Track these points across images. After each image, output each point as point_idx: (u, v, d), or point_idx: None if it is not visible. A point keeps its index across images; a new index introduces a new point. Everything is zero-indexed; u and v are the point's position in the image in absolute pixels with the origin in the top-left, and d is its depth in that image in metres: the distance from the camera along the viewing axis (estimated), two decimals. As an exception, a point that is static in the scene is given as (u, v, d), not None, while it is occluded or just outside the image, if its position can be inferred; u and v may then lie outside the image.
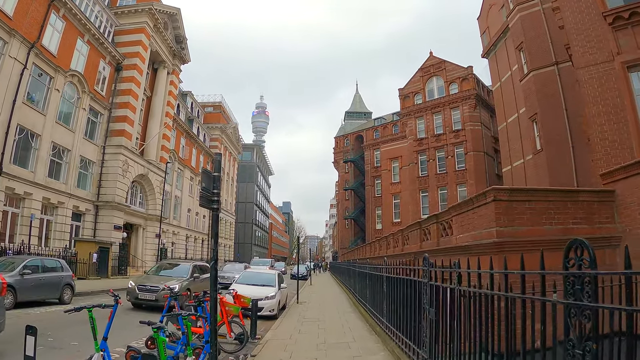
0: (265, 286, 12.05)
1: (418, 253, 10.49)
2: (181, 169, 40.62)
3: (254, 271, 14.35)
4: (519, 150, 30.51)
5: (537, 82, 19.36)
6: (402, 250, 13.22)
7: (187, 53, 36.95)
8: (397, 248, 14.55)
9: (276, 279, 12.59)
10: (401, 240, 13.58)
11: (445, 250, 8.11)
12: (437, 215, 9.40)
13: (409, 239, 12.23)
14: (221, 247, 54.25)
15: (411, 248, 11.49)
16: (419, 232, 10.62)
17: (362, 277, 11.48)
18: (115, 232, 26.36)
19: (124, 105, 28.27)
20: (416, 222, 11.32)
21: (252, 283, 12.22)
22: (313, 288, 22.84)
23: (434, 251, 8.99)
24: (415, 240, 10.90)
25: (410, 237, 11.76)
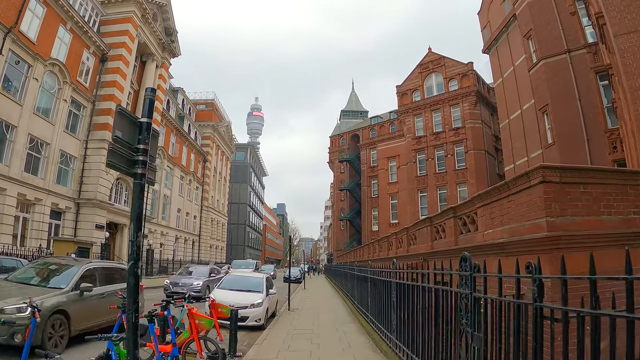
0: (251, 292, 10.60)
1: (429, 254, 9.15)
2: (171, 167, 39.03)
3: (239, 275, 12.72)
4: (522, 148, 29.42)
5: (548, 71, 18.18)
6: (407, 251, 11.82)
7: (177, 46, 35.47)
8: (400, 249, 13.15)
9: (264, 284, 11.12)
10: (406, 240, 12.19)
11: (470, 250, 6.73)
12: (454, 208, 8.01)
13: (416, 238, 10.84)
14: (213, 249, 52.69)
15: (420, 248, 10.11)
16: (429, 230, 9.25)
17: (362, 282, 10.11)
18: (97, 231, 24.76)
19: (108, 98, 26.72)
20: (426, 217, 9.98)
21: (236, 288, 10.78)
22: (307, 292, 21.36)
23: (450, 252, 7.65)
24: (425, 240, 9.54)
25: (419, 235, 10.39)
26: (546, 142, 18.63)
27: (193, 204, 45.97)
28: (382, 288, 7.30)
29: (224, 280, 11.68)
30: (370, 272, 8.70)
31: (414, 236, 11.20)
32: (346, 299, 15.56)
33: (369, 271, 8.78)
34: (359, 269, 11.17)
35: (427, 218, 9.83)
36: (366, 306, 9.32)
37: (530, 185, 4.91)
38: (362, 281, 10.10)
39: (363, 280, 9.93)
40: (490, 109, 37.37)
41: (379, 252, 18.51)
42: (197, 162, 46.85)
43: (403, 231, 12.87)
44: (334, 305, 14.93)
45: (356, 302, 11.76)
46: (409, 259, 10.76)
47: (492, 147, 35.97)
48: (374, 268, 8.38)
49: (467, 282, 3.46)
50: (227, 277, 12.03)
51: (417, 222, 10.99)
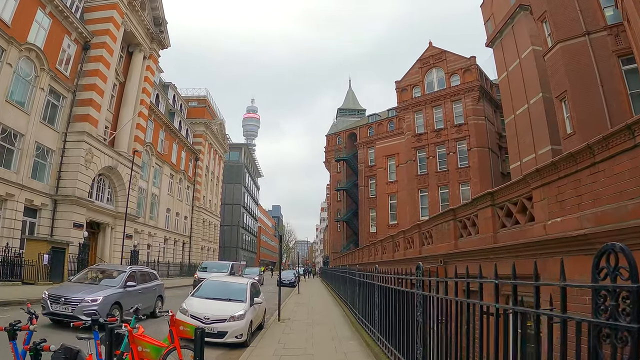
0: (231, 301, 8.84)
1: (450, 256, 7.49)
2: (159, 164, 37.21)
3: (219, 280, 10.59)
4: (529, 145, 27.99)
5: (566, 55, 16.68)
6: (419, 252, 10.09)
7: (167, 37, 33.78)
8: (410, 250, 11.41)
9: (247, 292, 9.30)
10: (418, 239, 10.46)
11: (519, 249, 5.02)
12: (492, 193, 6.29)
13: (431, 236, 9.12)
14: (205, 251, 50.81)
15: (438, 249, 8.35)
16: (452, 226, 7.56)
17: (366, 290, 8.45)
18: (75, 230, 22.93)
19: (89, 88, 24.97)
20: (448, 210, 8.27)
21: (213, 296, 8.99)
22: (301, 298, 19.47)
23: (486, 251, 6.01)
24: (446, 237, 7.83)
25: (436, 233, 8.67)
26: (565, 132, 17.11)
27: (183, 203, 44.13)
28: (397, 300, 5.64)
29: (201, 286, 9.75)
30: (377, 278, 6.95)
31: (428, 234, 9.51)
32: (345, 307, 13.78)
33: (376, 277, 7.05)
34: (360, 273, 9.48)
35: (449, 210, 8.10)
36: (371, 319, 7.61)
37: (637, 143, 3.31)
38: (366, 289, 8.35)
39: (367, 288, 8.18)
40: (493, 105, 36.01)
41: (382, 255, 16.74)
42: (188, 161, 45.04)
43: (414, 229, 11.09)
44: (332, 314, 13.17)
45: (357, 313, 10.01)
46: (421, 261, 9.14)
47: (496, 145, 34.53)
48: (382, 274, 6.66)
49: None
50: (205, 282, 10.05)
51: (435, 217, 9.15)
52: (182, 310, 8.39)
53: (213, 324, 7.88)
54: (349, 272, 12.67)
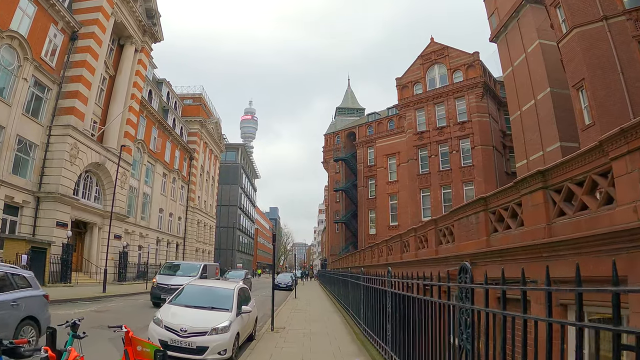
0: (215, 310, 7.49)
1: (480, 255, 6.23)
2: (152, 163, 35.90)
3: (202, 285, 9.04)
4: (537, 142, 26.91)
5: (583, 41, 15.59)
6: (435, 252, 8.77)
7: (160, 30, 32.58)
8: (424, 250, 10.03)
9: (234, 299, 7.92)
10: (434, 237, 9.18)
11: (589, 243, 3.78)
12: (542, 172, 5.05)
13: (451, 233, 7.89)
14: (200, 253, 49.41)
15: (463, 247, 7.08)
16: (482, 218, 6.23)
17: (375, 298, 7.10)
18: (58, 229, 21.60)
19: (76, 79, 23.72)
20: (478, 198, 6.89)
21: (194, 304, 7.60)
22: (297, 303, 18.03)
23: (532, 248, 4.78)
24: (473, 233, 6.48)
25: (460, 228, 7.38)
26: (583, 124, 15.97)
27: (177, 204, 42.78)
28: (424, 312, 4.40)
29: (181, 292, 8.36)
30: (391, 284, 5.62)
31: (447, 231, 8.19)
32: (345, 314, 12.39)
33: (389, 283, 5.74)
34: (367, 277, 8.14)
35: (478, 199, 6.80)
36: (380, 332, 6.29)
37: None
38: (374, 296, 6.97)
39: (375, 296, 6.92)
40: (496, 103, 34.94)
41: (387, 256, 15.38)
42: (182, 160, 43.73)
43: (429, 225, 9.71)
44: (332, 323, 11.77)
45: (362, 323, 8.68)
46: (438, 264, 7.84)
47: (500, 143, 33.43)
48: (401, 278, 5.33)
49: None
50: (187, 287, 8.58)
51: (458, 209, 7.79)
52: (155, 320, 7.07)
53: (191, 337, 6.59)
54: (351, 275, 11.27)
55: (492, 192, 6.35)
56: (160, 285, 15.40)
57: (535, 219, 5.00)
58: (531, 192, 5.14)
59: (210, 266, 19.93)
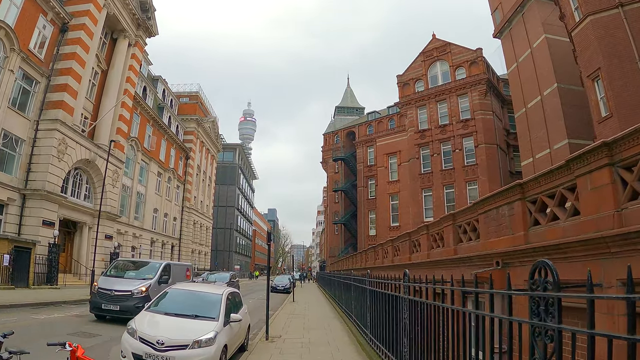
0: (198, 319, 6.42)
1: (516, 254, 5.23)
2: (146, 161, 34.88)
3: (187, 289, 7.73)
4: (543, 139, 26.03)
5: (598, 29, 14.72)
6: (454, 251, 7.84)
7: (154, 24, 31.64)
8: (438, 250, 8.95)
9: (221, 305, 6.83)
10: (451, 234, 8.14)
11: None
12: (608, 144, 4.13)
13: (474, 229, 6.97)
14: (195, 254, 48.35)
15: (492, 245, 6.07)
16: (518, 209, 5.35)
17: (384, 305, 6.11)
18: (45, 228, 20.57)
19: (65, 72, 22.75)
20: (510, 186, 5.83)
21: (174, 312, 6.55)
22: (295, 307, 16.93)
23: (595, 243, 3.81)
24: (505, 228, 5.63)
25: (487, 223, 6.38)
26: (599, 116, 15.07)
27: (173, 204, 41.74)
28: (460, 328, 3.45)
29: (163, 296, 7.22)
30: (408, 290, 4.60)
31: (469, 226, 7.18)
32: (348, 320, 11.33)
33: (405, 288, 4.72)
34: (374, 281, 7.06)
35: (512, 186, 5.75)
36: (393, 347, 5.22)
37: None
38: (383, 303, 6.06)
39: (386, 302, 5.93)
40: (500, 101, 34.11)
41: (392, 257, 14.28)
42: (178, 159, 42.71)
43: (445, 220, 8.65)
44: (333, 330, 10.67)
45: (369, 333, 7.60)
46: (457, 265, 6.85)
47: (504, 142, 32.57)
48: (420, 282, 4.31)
49: None
50: (170, 291, 7.54)
51: (485, 200, 6.68)
52: (129, 329, 6.04)
53: (169, 351, 5.60)
54: (354, 278, 10.15)
55: (532, 176, 5.33)
56: (101, 290, 11.38)
57: (597, 205, 4.05)
58: (591, 172, 4.18)
59: (177, 267, 14.98)
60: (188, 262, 13.26)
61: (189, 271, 16.23)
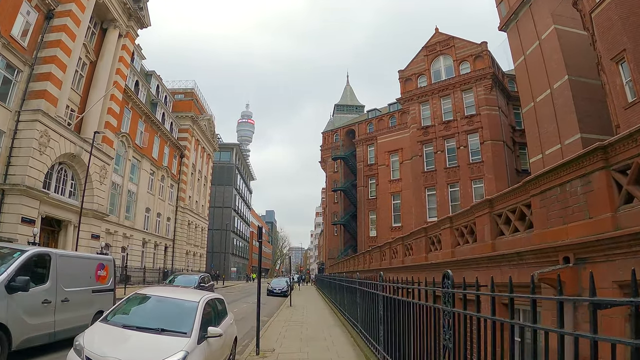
0: (165, 334, 4.94)
1: (592, 245, 3.83)
2: (137, 158, 33.49)
3: (157, 295, 6.17)
4: (553, 134, 24.83)
5: (621, 8, 13.53)
6: (492, 247, 6.44)
7: (147, 15, 30.34)
8: (466, 247, 7.70)
9: (196, 317, 5.35)
10: (488, 225, 6.66)
11: None
12: None
13: (521, 217, 5.67)
14: (190, 256, 46.88)
15: (556, 234, 4.67)
16: (602, 183, 4.06)
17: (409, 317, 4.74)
18: (24, 226, 19.15)
19: (49, 60, 21.40)
20: (587, 151, 4.37)
21: (136, 324, 5.09)
22: (293, 313, 15.42)
23: None
24: (581, 211, 4.35)
25: (547, 207, 4.95)
26: (625, 101, 13.84)
27: (166, 203, 40.30)
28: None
29: (123, 304, 5.81)
30: (462, 297, 3.22)
31: (513, 214, 5.90)
32: (352, 329, 9.95)
33: (451, 296, 3.31)
34: (389, 285, 5.68)
35: (593, 150, 4.33)
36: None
37: None
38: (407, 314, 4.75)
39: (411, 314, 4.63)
40: (505, 96, 32.94)
41: (403, 257, 12.68)
42: (172, 157, 41.31)
43: (479, 208, 7.14)
44: (335, 343, 9.17)
45: (380, 349, 6.26)
46: (497, 264, 5.44)
47: (510, 139, 31.36)
48: (470, 288, 2.98)
49: None
50: (132, 297, 6.05)
51: (540, 175, 5.17)
52: (76, 347, 4.70)
53: None
54: (361, 282, 8.74)
55: (622, 134, 3.95)
56: None
57: None
58: None
59: (67, 260, 8.60)
60: (107, 256, 7.62)
61: (104, 269, 9.83)
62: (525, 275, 4.58)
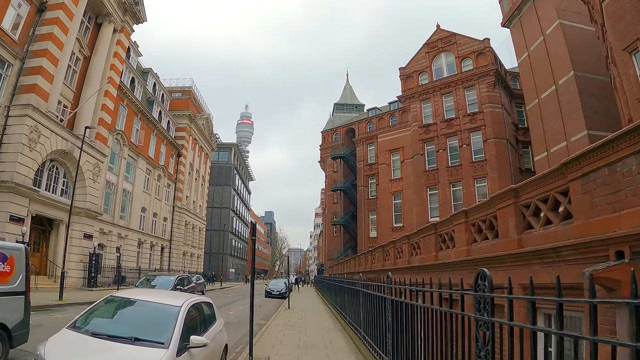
0: (138, 344, 4.10)
1: None
2: (133, 157, 32.79)
3: (129, 298, 5.26)
4: (559, 132, 24.24)
5: (637, -6, 12.87)
6: (518, 244, 5.70)
7: (143, 10, 29.70)
8: (487, 243, 6.90)
9: (176, 324, 4.51)
10: (515, 218, 5.87)
11: None
12: None
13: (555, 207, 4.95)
14: (187, 257, 46.16)
15: (607, 225, 3.95)
16: None
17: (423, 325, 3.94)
18: (12, 224, 18.45)
19: (41, 54, 20.76)
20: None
21: (107, 332, 4.28)
22: (291, 317, 14.65)
23: None
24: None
25: (594, 191, 4.19)
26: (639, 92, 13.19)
27: (163, 203, 39.59)
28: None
29: (97, 308, 4.99)
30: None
31: (549, 203, 5.13)
32: (354, 335, 9.25)
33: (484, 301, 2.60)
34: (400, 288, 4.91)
35: None
36: None
37: None
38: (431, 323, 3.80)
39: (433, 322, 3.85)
40: (508, 94, 32.34)
41: (408, 257, 11.74)
42: (168, 156, 40.61)
43: (503, 199, 6.27)
44: (337, 349, 8.32)
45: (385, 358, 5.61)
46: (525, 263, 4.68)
47: (513, 137, 30.74)
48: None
49: None
50: (109, 300, 5.22)
51: (588, 152, 4.42)
52: (36, 359, 4.00)
53: None
54: (364, 284, 7.94)
55: None
56: None
57: None
58: None
59: None
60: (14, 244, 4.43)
61: (7, 263, 6.69)
62: (564, 274, 3.93)
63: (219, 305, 20.68)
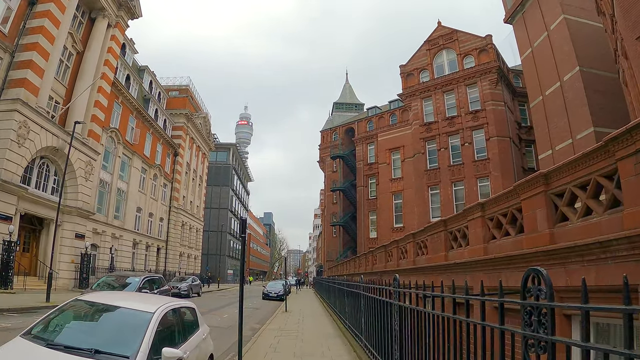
0: (99, 357, 3.35)
1: None
2: (128, 155, 32.10)
3: (95, 302, 4.44)
4: (564, 129, 23.63)
5: (652, -18, 12.25)
6: (549, 239, 5.00)
7: (138, 5, 29.07)
8: (509, 239, 6.22)
9: (146, 334, 3.73)
10: (545, 210, 5.18)
11: None
12: None
13: (594, 195, 4.34)
14: (184, 258, 45.42)
15: None
16: None
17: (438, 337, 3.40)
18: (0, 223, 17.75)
19: (31, 47, 20.09)
20: None
21: (65, 342, 3.51)
22: (287, 320, 13.99)
23: None
24: None
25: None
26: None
27: (159, 203, 38.88)
28: None
29: (54, 314, 4.20)
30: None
31: (588, 190, 4.45)
32: (354, 342, 8.50)
33: (534, 310, 1.95)
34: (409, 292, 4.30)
35: None
36: None
37: None
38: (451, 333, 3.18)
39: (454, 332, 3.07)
40: (511, 92, 31.75)
41: (413, 258, 10.91)
42: (165, 155, 39.90)
43: (528, 187, 5.65)
44: (334, 355, 7.81)
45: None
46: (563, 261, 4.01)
47: (516, 135, 30.12)
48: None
49: None
50: (72, 304, 4.44)
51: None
52: None
53: None
54: (365, 286, 7.25)
55: None
56: None
57: None
58: None
59: None
60: None
61: None
62: (612, 275, 3.24)
63: (214, 308, 19.99)
